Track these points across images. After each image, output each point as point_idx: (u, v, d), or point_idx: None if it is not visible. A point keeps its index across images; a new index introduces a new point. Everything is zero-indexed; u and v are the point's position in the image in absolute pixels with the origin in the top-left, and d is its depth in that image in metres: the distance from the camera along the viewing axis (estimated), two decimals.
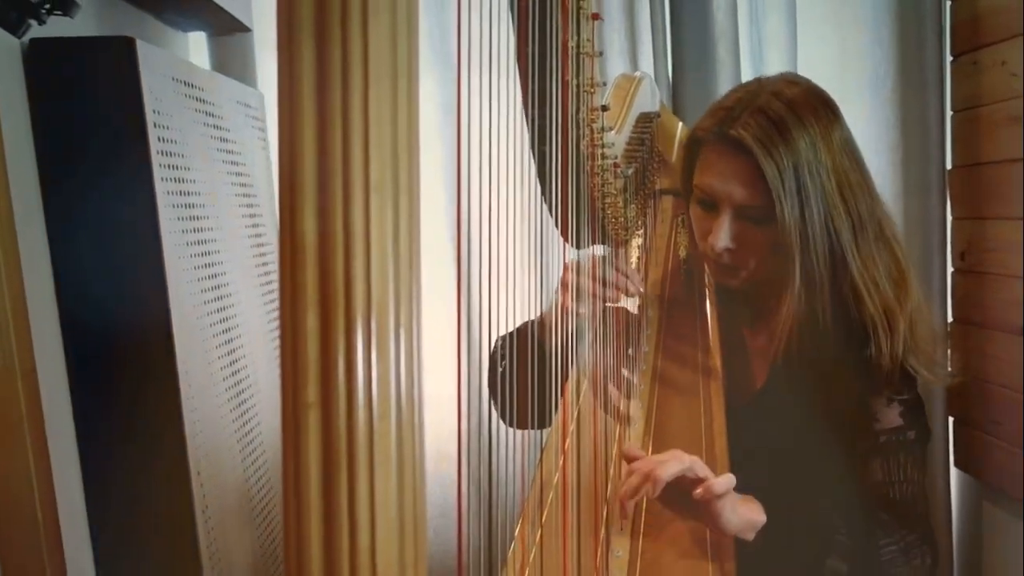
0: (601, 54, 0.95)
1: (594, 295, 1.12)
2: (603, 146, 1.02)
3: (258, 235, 1.52)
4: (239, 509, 1.30)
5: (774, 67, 1.84)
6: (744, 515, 1.01)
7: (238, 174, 1.43)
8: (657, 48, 1.82)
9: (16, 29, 0.76)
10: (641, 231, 1.32)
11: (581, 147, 0.96)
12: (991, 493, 1.82)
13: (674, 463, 0.95)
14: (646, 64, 1.83)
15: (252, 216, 1.49)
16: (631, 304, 1.21)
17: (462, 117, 0.63)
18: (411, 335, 0.48)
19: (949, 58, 1.85)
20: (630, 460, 1.00)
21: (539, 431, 1.10)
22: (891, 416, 1.14)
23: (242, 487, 1.32)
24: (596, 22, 0.93)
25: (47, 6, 0.77)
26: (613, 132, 1.08)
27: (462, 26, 0.60)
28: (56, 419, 1.04)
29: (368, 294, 0.46)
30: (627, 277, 1.16)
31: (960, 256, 1.83)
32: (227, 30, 1.65)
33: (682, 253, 1.34)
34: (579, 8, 0.87)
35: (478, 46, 0.66)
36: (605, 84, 1.11)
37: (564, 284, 1.11)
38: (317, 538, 0.47)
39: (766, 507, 1.03)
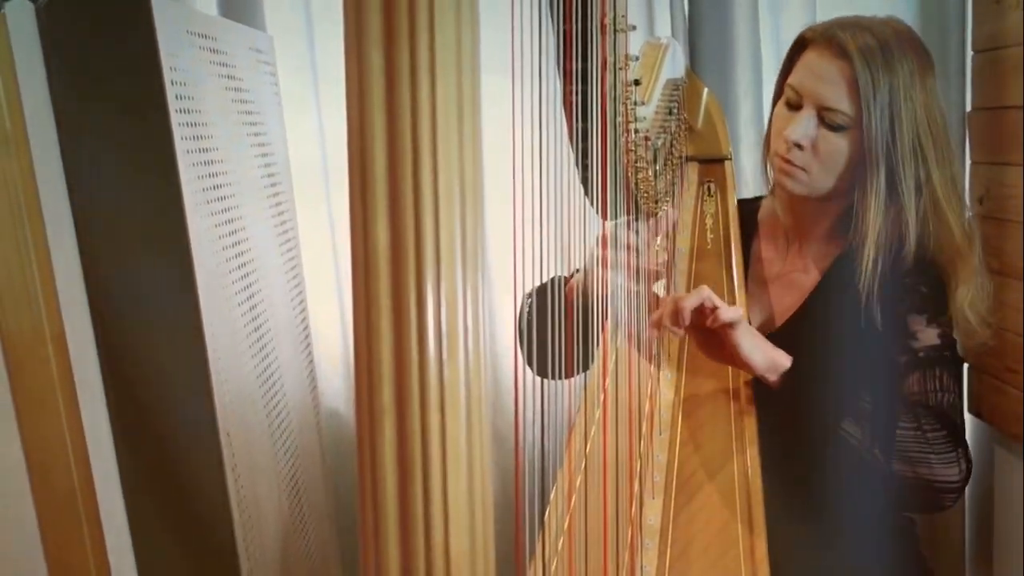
0: (635, 28, 0.94)
1: (628, 267, 1.13)
2: (636, 120, 1.01)
3: (274, 184, 1.50)
4: (267, 471, 1.32)
5: (793, 6, 1.81)
6: (768, 353, 1.11)
7: (252, 123, 1.41)
8: None
9: None
10: (669, 200, 1.31)
11: (617, 123, 0.96)
12: (1003, 438, 1.84)
13: (694, 296, 1.07)
14: (662, 5, 1.79)
15: (268, 165, 1.47)
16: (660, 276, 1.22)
17: (515, 101, 0.62)
18: (478, 336, 0.48)
19: None
20: (658, 304, 1.13)
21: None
22: (930, 335, 1.19)
23: (269, 450, 1.33)
24: None
25: None
26: (643, 104, 1.07)
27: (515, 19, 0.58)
28: (86, 382, 1.04)
29: (439, 300, 0.46)
30: (657, 251, 1.18)
31: (978, 201, 1.82)
32: None
33: (708, 222, 1.34)
34: None
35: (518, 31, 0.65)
36: (637, 59, 1.10)
37: (603, 260, 1.11)
38: (394, 540, 0.48)
39: (798, 366, 1.11)
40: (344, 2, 0.44)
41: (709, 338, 1.10)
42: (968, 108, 1.85)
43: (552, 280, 0.88)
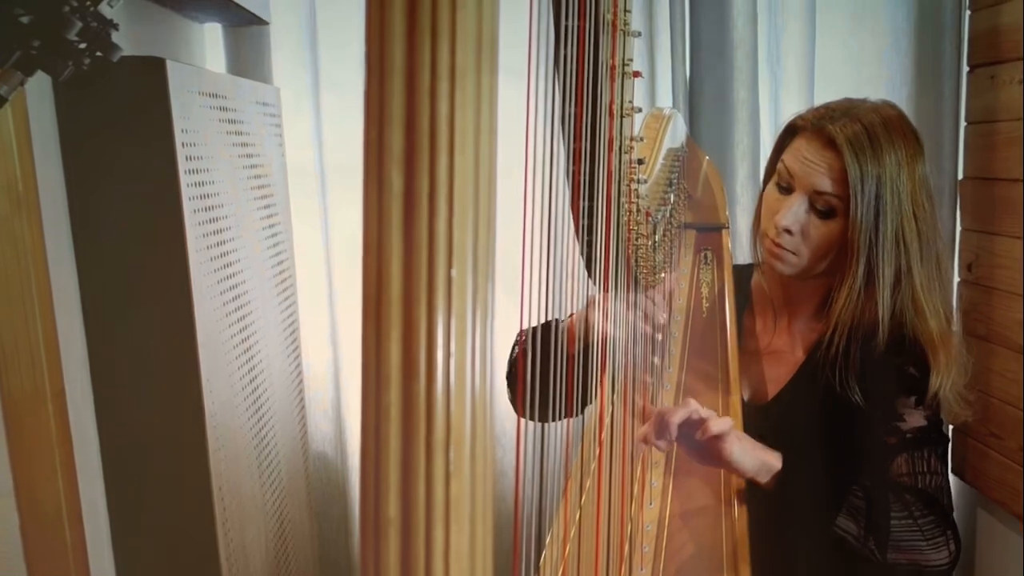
0: (640, 111, 0.96)
1: (626, 321, 1.14)
2: (638, 197, 1.03)
3: (275, 235, 1.52)
4: (256, 520, 1.32)
5: (792, 74, 1.85)
6: (758, 457, 1.10)
7: (257, 176, 1.43)
8: (676, 53, 1.81)
9: (58, 74, 0.75)
10: (667, 268, 1.32)
11: (620, 203, 0.97)
12: (986, 501, 1.86)
13: (681, 409, 1.06)
14: (664, 68, 1.82)
15: (270, 216, 1.49)
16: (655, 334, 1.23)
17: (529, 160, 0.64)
18: (484, 454, 0.49)
19: (965, 68, 1.85)
20: (645, 416, 1.11)
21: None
22: (917, 418, 1.20)
23: (259, 498, 1.34)
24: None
25: (88, 51, 0.76)
26: (645, 180, 1.09)
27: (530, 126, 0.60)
28: (83, 441, 1.05)
29: (448, 417, 0.47)
30: (654, 317, 1.19)
31: (967, 267, 1.85)
32: (244, 22, 1.63)
33: (704, 291, 1.35)
34: (624, 68, 0.88)
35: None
36: (642, 139, 1.12)
37: (603, 307, 1.11)
38: None
39: (788, 458, 1.11)
40: (364, 138, 0.46)
41: (698, 446, 1.09)
42: (960, 176, 1.88)
43: (549, 322, 0.89)
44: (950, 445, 1.88)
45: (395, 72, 0.45)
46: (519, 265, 0.74)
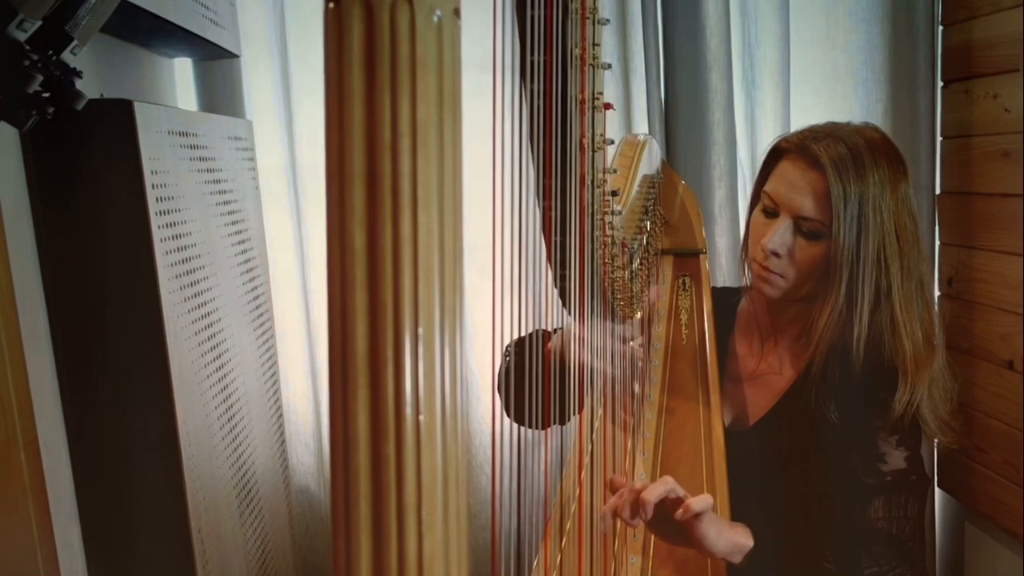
0: (612, 142, 0.95)
1: (603, 351, 1.13)
2: (612, 228, 1.02)
3: (251, 270, 1.51)
4: (237, 560, 1.30)
5: (767, 93, 1.85)
6: (731, 538, 1.06)
7: (230, 212, 1.42)
8: (650, 77, 1.81)
9: (22, 124, 0.74)
10: (645, 296, 1.32)
11: (595, 237, 0.97)
12: (973, 514, 1.86)
13: (659, 486, 1.01)
14: (639, 92, 1.82)
15: (245, 252, 1.48)
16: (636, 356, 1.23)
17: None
18: (458, 511, 0.48)
19: (940, 84, 1.86)
20: (615, 488, 1.06)
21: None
22: (897, 459, 1.19)
23: (240, 538, 1.32)
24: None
25: (52, 100, 0.74)
26: (620, 212, 1.08)
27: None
28: (57, 488, 1.03)
29: (419, 477, 0.46)
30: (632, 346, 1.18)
31: (948, 282, 1.85)
32: (214, 56, 1.62)
33: (683, 317, 1.35)
34: (595, 102, 0.87)
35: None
36: (615, 171, 1.12)
37: (579, 336, 1.10)
38: None
39: (756, 531, 1.08)
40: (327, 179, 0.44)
41: (669, 526, 1.04)
42: (938, 191, 1.89)
43: (533, 333, 0.88)
44: (935, 457, 1.89)
45: (355, 128, 0.44)
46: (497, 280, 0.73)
